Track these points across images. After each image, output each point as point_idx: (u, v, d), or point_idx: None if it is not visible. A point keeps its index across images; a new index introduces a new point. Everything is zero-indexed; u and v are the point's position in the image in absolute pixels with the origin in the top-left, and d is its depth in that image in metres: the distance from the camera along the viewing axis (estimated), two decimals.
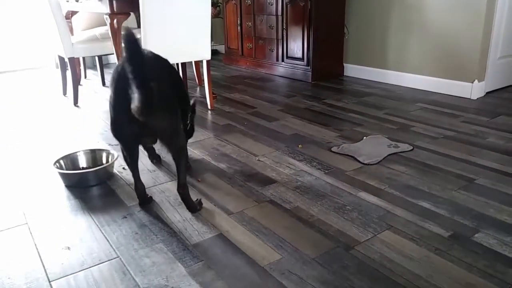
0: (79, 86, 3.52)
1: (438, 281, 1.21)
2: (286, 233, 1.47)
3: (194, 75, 3.74)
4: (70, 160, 2.02)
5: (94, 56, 3.76)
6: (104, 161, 2.05)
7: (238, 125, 2.66)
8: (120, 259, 1.36)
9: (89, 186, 1.87)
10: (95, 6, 2.82)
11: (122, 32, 1.74)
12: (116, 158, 1.97)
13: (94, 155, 2.07)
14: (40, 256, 1.39)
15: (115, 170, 2.02)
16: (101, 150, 2.09)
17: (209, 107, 3.03)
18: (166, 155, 2.17)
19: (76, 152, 2.06)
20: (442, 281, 1.21)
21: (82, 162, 2.05)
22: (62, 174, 1.91)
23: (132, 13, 3.26)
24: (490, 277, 1.23)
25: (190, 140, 2.40)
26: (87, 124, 2.77)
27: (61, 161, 1.99)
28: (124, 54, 1.30)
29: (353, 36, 3.88)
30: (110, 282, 1.25)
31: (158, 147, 2.03)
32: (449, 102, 3.03)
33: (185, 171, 1.62)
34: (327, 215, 1.58)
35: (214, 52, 4.96)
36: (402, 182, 1.83)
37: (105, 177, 1.93)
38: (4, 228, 1.57)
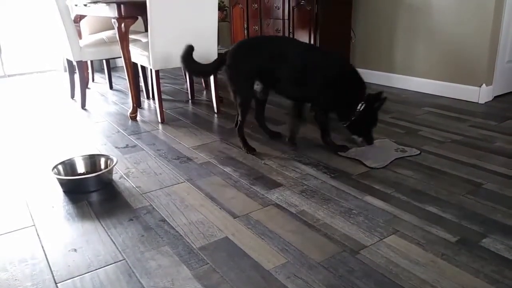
0: (87, 90, 3.55)
1: (444, 286, 1.20)
2: (292, 237, 1.47)
3: (201, 78, 3.75)
4: (69, 166, 2.00)
5: (102, 59, 3.79)
6: (102, 166, 2.02)
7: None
8: (126, 261, 1.37)
9: (86, 192, 1.85)
10: (103, 10, 2.84)
11: None
12: (115, 163, 1.96)
13: (94, 161, 2.05)
14: (47, 258, 1.40)
15: (115, 176, 2.03)
16: (100, 155, 2.08)
17: (215, 110, 3.04)
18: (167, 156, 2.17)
19: (73, 158, 2.03)
20: (448, 287, 1.20)
21: (81, 167, 2.03)
22: (58, 180, 1.90)
23: (139, 17, 3.28)
24: (498, 282, 1.22)
25: (196, 143, 2.41)
26: (95, 127, 2.79)
27: (59, 167, 1.96)
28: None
29: (360, 40, 3.87)
30: (116, 285, 1.26)
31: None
32: (457, 106, 3.01)
33: None
34: (333, 219, 1.58)
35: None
36: (409, 186, 1.82)
37: (102, 183, 1.90)
38: (12, 229, 1.58)
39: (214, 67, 2.35)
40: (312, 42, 3.70)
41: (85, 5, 3.04)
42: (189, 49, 2.24)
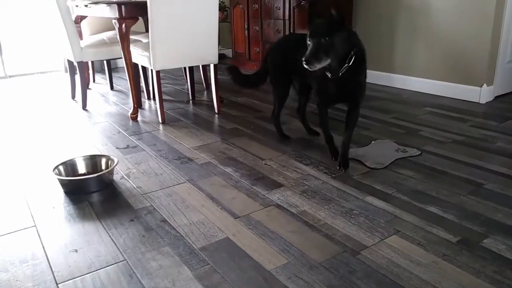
0: (88, 90, 3.55)
1: (446, 287, 1.20)
2: (293, 237, 1.47)
3: (201, 79, 3.76)
4: (69, 166, 2.00)
5: (103, 60, 3.80)
6: (103, 167, 2.02)
7: (245, 129, 2.67)
8: (127, 262, 1.37)
9: (87, 193, 1.85)
10: (104, 11, 2.84)
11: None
12: (116, 164, 1.96)
13: (95, 161, 2.05)
14: (47, 258, 1.40)
15: (116, 176, 2.03)
16: (101, 156, 2.08)
17: (216, 111, 3.04)
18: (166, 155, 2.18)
19: (74, 158, 2.03)
20: (450, 287, 1.20)
21: (82, 168, 2.03)
22: (59, 181, 1.90)
23: (140, 18, 3.29)
24: (499, 283, 1.21)
25: (197, 144, 2.41)
26: (95, 127, 2.79)
27: (60, 167, 1.96)
28: None
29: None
30: (117, 285, 1.26)
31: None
32: (458, 106, 3.01)
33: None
34: (334, 219, 1.58)
35: (221, 56, 4.98)
36: (409, 186, 1.82)
37: (103, 184, 1.90)
38: (13, 230, 1.58)
39: (263, 72, 2.45)
40: None
41: (86, 5, 3.05)
42: (235, 68, 2.53)
